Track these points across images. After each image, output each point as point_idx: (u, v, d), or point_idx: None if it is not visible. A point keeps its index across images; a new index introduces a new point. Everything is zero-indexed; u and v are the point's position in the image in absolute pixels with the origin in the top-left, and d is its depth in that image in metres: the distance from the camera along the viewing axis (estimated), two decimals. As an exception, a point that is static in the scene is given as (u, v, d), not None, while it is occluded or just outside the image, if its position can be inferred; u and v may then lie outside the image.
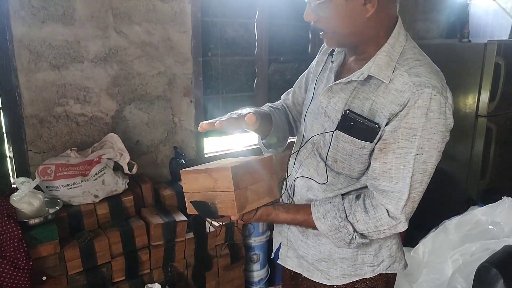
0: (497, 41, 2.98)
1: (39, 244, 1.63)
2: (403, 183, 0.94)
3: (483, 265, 1.53)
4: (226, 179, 0.96)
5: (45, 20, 1.84)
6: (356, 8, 0.93)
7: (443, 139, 0.95)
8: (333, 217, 1.01)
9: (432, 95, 0.90)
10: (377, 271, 1.12)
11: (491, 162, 3.19)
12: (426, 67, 0.95)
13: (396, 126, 0.93)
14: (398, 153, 0.94)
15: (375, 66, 0.96)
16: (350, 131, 0.99)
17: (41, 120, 1.91)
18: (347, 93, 1.01)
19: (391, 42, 0.97)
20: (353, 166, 1.04)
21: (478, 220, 1.95)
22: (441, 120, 0.92)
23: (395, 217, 0.97)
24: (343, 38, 0.99)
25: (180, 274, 2.04)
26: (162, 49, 2.19)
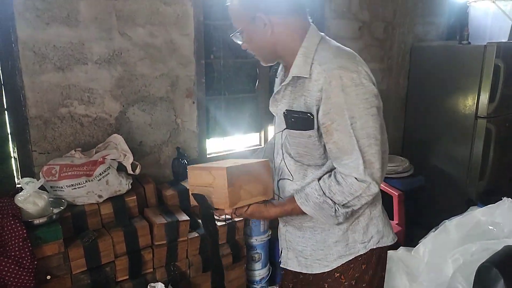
0: (496, 43, 3.01)
1: (44, 243, 1.65)
2: (355, 151, 1.08)
3: (483, 265, 1.55)
4: (222, 177, 1.12)
5: (50, 22, 1.86)
6: (259, 30, 1.15)
7: (370, 104, 1.08)
8: (314, 197, 1.14)
9: (341, 73, 1.06)
10: (369, 247, 1.24)
11: (490, 163, 3.21)
12: (334, 54, 1.12)
13: (326, 110, 1.09)
14: (339, 130, 1.08)
15: (295, 67, 1.14)
16: (294, 126, 1.17)
17: (45, 121, 1.93)
18: (287, 98, 1.19)
19: (305, 45, 1.15)
20: (314, 154, 1.19)
21: (478, 221, 1.97)
22: (359, 89, 1.07)
23: (363, 180, 1.08)
24: (266, 55, 1.22)
25: (183, 273, 2.06)
26: (165, 51, 2.21)
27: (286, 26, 1.15)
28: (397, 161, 3.28)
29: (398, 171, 3.14)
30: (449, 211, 2.60)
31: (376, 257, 1.27)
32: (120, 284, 1.87)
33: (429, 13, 3.70)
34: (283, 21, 1.14)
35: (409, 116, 3.67)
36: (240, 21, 1.18)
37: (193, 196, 1.22)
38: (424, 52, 3.49)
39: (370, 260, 1.25)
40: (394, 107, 3.60)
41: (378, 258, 1.27)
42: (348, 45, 1.21)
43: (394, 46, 3.46)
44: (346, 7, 3.02)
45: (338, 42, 1.48)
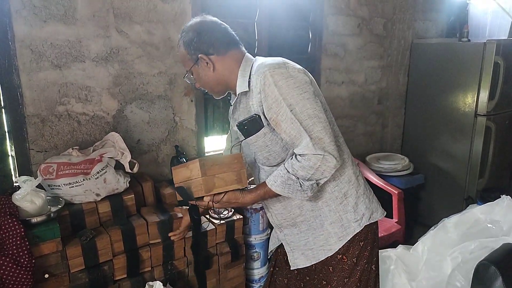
0: (496, 41, 3.00)
1: (41, 242, 1.64)
2: (302, 132, 1.21)
3: (482, 263, 1.55)
4: (196, 169, 1.28)
5: (47, 19, 1.85)
6: (203, 69, 1.34)
7: (303, 90, 1.22)
8: (280, 176, 1.27)
9: (268, 72, 1.21)
10: (362, 224, 1.37)
11: (490, 161, 3.20)
12: (263, 61, 1.28)
13: (268, 105, 1.23)
14: (284, 119, 1.22)
15: (238, 87, 1.33)
16: (248, 132, 1.32)
17: (42, 119, 1.92)
18: (241, 114, 1.37)
19: (242, 68, 1.34)
20: (276, 150, 1.33)
21: (477, 219, 1.96)
22: (289, 81, 1.21)
23: (316, 154, 1.20)
24: (214, 88, 1.40)
25: (180, 272, 2.05)
26: (162, 49, 2.20)
27: (224, 61, 1.33)
28: (396, 159, 3.28)
29: (398, 169, 3.13)
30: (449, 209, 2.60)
31: (371, 233, 1.40)
32: (118, 283, 1.86)
33: (428, 10, 3.69)
34: (221, 57, 1.32)
35: (408, 114, 3.66)
36: (187, 63, 1.36)
37: (176, 190, 1.39)
38: (424, 49, 3.48)
39: (366, 237, 1.39)
40: (393, 104, 3.59)
41: (373, 234, 1.41)
42: (347, 42, 1.25)
43: (393, 43, 3.45)
44: (344, 3, 3.01)
45: (337, 39, 1.58)
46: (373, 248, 1.41)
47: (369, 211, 1.39)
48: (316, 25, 2.93)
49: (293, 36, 2.88)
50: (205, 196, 1.30)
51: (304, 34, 2.94)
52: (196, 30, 1.33)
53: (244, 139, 1.35)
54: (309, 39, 2.96)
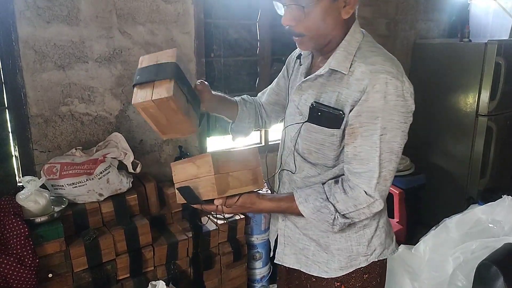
0: (497, 41, 3.00)
1: (45, 242, 1.66)
2: (373, 163, 1.02)
3: (483, 262, 1.55)
4: (206, 164, 1.04)
5: (50, 20, 1.86)
6: (336, 11, 1.03)
7: (405, 120, 1.03)
8: (315, 199, 1.08)
9: (388, 79, 0.99)
10: (370, 260, 1.19)
11: (491, 161, 3.21)
12: (380, 56, 1.05)
13: (359, 111, 1.02)
14: (365, 136, 1.02)
15: (334, 61, 1.06)
16: (318, 121, 1.09)
17: (46, 119, 1.93)
18: (315, 89, 1.12)
19: (348, 39, 1.07)
20: (327, 154, 1.12)
21: (478, 219, 1.97)
22: (399, 101, 1.00)
23: (371, 195, 1.04)
24: (319, 39, 1.08)
25: (183, 272, 2.06)
26: (165, 50, 2.20)
27: (353, 15, 1.06)
28: (397, 159, 3.28)
29: (399, 170, 3.14)
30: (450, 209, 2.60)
31: (378, 267, 1.23)
32: (121, 282, 1.88)
33: (430, 10, 3.70)
34: (355, 9, 1.05)
35: (410, 114, 3.66)
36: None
37: (178, 191, 1.10)
38: (426, 50, 3.48)
39: (372, 271, 1.22)
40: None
41: (380, 268, 1.24)
42: None
43: (396, 43, 3.46)
44: (346, 5, 3.02)
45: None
46: (378, 284, 1.24)
47: (381, 247, 1.21)
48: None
49: (295, 37, 2.88)
50: (215, 199, 1.06)
51: (306, 34, 2.95)
52: None
53: (306, 121, 1.12)
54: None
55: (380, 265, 1.24)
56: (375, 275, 1.22)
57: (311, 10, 1.01)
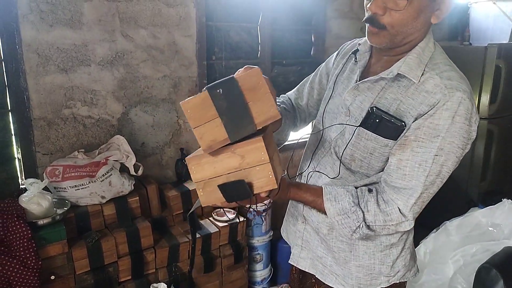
0: (497, 45, 3.01)
1: (48, 244, 1.67)
2: (417, 181, 0.95)
3: (483, 266, 1.56)
4: (257, 152, 0.87)
5: (53, 24, 1.87)
6: (429, 12, 0.96)
7: (463, 146, 0.95)
8: (346, 201, 1.00)
9: (462, 99, 0.92)
10: (392, 281, 1.13)
11: (491, 164, 3.21)
12: (456, 72, 0.99)
13: (420, 124, 0.94)
14: (416, 151, 0.95)
15: (405, 66, 0.98)
16: (374, 128, 1.00)
17: (49, 122, 1.94)
18: (374, 93, 1.03)
19: (422, 46, 1.00)
20: (372, 164, 1.04)
21: (478, 222, 1.98)
22: (465, 125, 0.93)
23: (404, 214, 0.98)
24: (397, 37, 0.98)
25: (184, 274, 2.07)
26: (167, 53, 2.22)
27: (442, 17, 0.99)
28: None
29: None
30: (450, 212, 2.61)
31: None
32: (123, 285, 1.89)
33: (430, 14, 3.71)
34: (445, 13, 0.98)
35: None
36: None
37: (222, 188, 0.90)
38: (426, 53, 3.49)
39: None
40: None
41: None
42: None
43: (395, 47, 3.47)
44: (348, 7, 3.03)
45: (340, 42, 1.36)
46: None
47: (405, 269, 1.15)
48: (319, 28, 2.95)
49: (296, 40, 2.90)
50: (262, 192, 0.90)
51: (307, 37, 2.96)
52: None
53: (359, 125, 1.03)
54: (312, 42, 2.99)
55: (402, 286, 1.18)
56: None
57: (411, 3, 0.93)
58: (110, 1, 1.99)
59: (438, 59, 1.00)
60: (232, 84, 0.85)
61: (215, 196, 0.91)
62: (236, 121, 0.86)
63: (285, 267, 2.72)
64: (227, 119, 0.86)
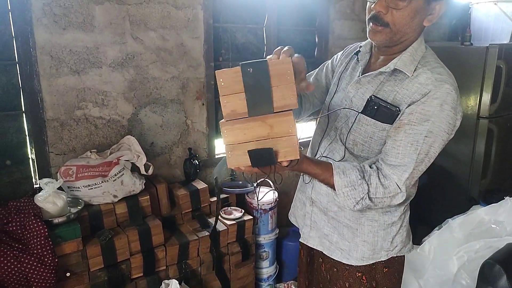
0: (498, 45, 3.05)
1: (63, 242, 1.71)
2: (410, 159, 1.09)
3: (487, 261, 1.61)
4: (286, 124, 0.96)
5: (66, 27, 1.91)
6: (423, 14, 1.11)
7: (449, 131, 1.10)
8: (353, 174, 1.12)
9: (450, 90, 1.08)
10: (390, 255, 1.29)
11: (492, 162, 3.26)
12: (445, 69, 1.14)
13: (413, 110, 1.09)
14: (408, 133, 1.09)
15: (401, 62, 1.14)
16: (373, 114, 1.14)
17: (61, 123, 1.98)
18: (374, 85, 1.19)
19: (415, 46, 1.15)
20: (372, 148, 1.19)
21: (481, 219, 2.03)
22: (451, 113, 1.08)
23: (399, 187, 1.11)
24: (397, 35, 1.12)
25: (193, 271, 2.12)
26: (176, 54, 2.26)
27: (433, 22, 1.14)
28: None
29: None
30: (452, 210, 2.66)
31: (397, 263, 1.33)
32: (135, 281, 1.93)
33: (431, 15, 3.75)
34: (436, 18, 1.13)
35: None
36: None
37: (251, 154, 0.98)
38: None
39: (392, 265, 1.31)
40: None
41: (398, 264, 1.33)
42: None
43: (397, 47, 3.51)
44: (350, 9, 3.07)
45: (343, 43, 1.49)
46: (396, 279, 1.33)
47: (401, 244, 1.30)
48: (322, 29, 3.00)
49: (300, 40, 2.94)
50: (284, 161, 1.00)
51: (311, 38, 3.01)
52: None
53: (360, 112, 1.17)
54: (316, 43, 3.03)
55: (399, 261, 1.33)
56: (394, 270, 1.32)
57: (408, 4, 1.07)
58: (120, 4, 2.03)
59: (429, 58, 1.16)
60: (263, 66, 0.94)
61: (242, 160, 0.99)
62: (258, 100, 0.95)
63: (290, 265, 2.77)
64: (250, 96, 0.95)
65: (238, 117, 0.97)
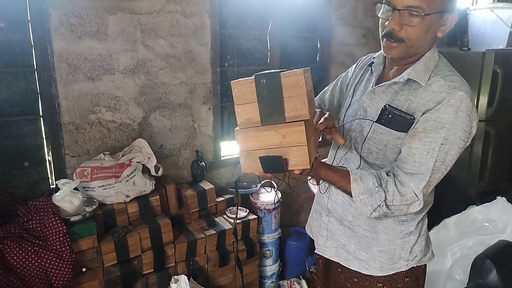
0: (495, 50, 3.15)
1: (80, 239, 1.82)
2: (426, 167, 1.09)
3: (478, 257, 1.71)
4: (298, 134, 0.99)
5: (82, 36, 2.02)
6: (436, 27, 1.13)
7: (465, 139, 1.11)
8: (370, 181, 1.12)
9: (464, 97, 1.08)
10: (410, 265, 1.28)
11: (489, 164, 3.35)
12: (458, 77, 1.16)
13: (428, 118, 1.09)
14: (424, 141, 1.09)
15: (414, 72, 1.16)
16: (388, 123, 1.16)
17: (77, 126, 2.09)
18: (388, 95, 1.21)
19: (428, 56, 1.18)
20: (387, 156, 1.20)
21: (475, 218, 2.13)
22: (466, 120, 1.09)
23: (417, 195, 1.11)
24: (412, 49, 1.15)
25: (201, 267, 2.22)
26: (184, 61, 2.37)
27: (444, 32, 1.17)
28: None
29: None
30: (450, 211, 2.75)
31: (419, 272, 1.32)
32: (146, 277, 2.03)
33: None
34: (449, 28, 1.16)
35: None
36: (432, 5, 1.09)
37: (262, 160, 1.03)
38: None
39: (413, 274, 1.30)
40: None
41: (420, 274, 1.33)
42: (354, 51, 1.32)
43: (397, 52, 3.60)
44: (351, 15, 3.18)
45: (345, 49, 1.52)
46: (418, 287, 1.33)
47: (421, 254, 1.29)
48: (324, 36, 3.10)
49: (303, 46, 3.05)
50: (296, 170, 1.04)
51: (313, 44, 3.11)
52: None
53: (375, 121, 1.19)
54: (318, 49, 3.14)
55: (419, 270, 1.32)
56: (415, 279, 1.31)
57: (422, 20, 1.09)
58: (132, 14, 2.14)
59: (442, 67, 1.18)
60: (276, 78, 0.98)
61: (255, 165, 1.05)
62: (270, 110, 0.99)
63: (293, 263, 2.87)
64: (263, 106, 1.00)
65: (252, 125, 1.02)
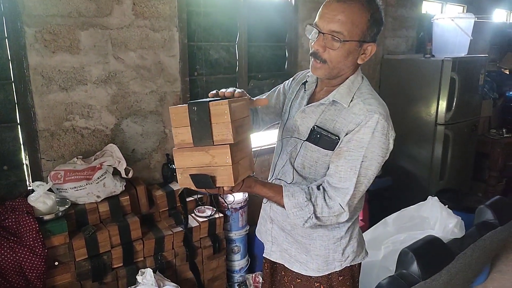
0: (452, 58, 3.37)
1: (52, 235, 1.99)
2: (350, 182, 1.23)
3: (403, 250, 1.91)
4: (224, 155, 1.11)
5: (55, 50, 2.20)
6: (356, 54, 1.26)
7: (383, 155, 1.24)
8: (301, 197, 1.24)
9: (379, 119, 1.21)
10: (344, 265, 1.43)
11: (449, 164, 3.57)
12: (376, 100, 1.28)
13: (350, 139, 1.23)
14: (348, 159, 1.23)
15: (338, 94, 1.29)
16: (316, 142, 1.29)
17: (52, 133, 2.27)
18: (316, 114, 1.33)
19: (352, 79, 1.31)
20: (318, 171, 1.33)
21: (412, 215, 2.33)
22: (382, 139, 1.22)
23: (342, 207, 1.24)
24: (334, 71, 1.27)
25: (168, 262, 2.40)
26: (154, 71, 2.56)
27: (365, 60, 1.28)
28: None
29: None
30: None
31: (352, 271, 1.46)
32: (115, 270, 2.21)
33: (398, 27, 4.05)
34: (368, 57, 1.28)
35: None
36: (352, 34, 1.20)
37: (192, 177, 1.14)
38: (393, 64, 3.85)
39: (346, 274, 1.44)
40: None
41: (352, 272, 1.47)
42: None
43: (364, 59, 3.80)
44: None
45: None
46: (352, 284, 1.46)
47: (353, 254, 1.43)
48: (291, 45, 3.29)
49: (271, 55, 3.24)
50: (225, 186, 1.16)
51: (281, 53, 3.31)
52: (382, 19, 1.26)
53: (305, 140, 1.33)
54: (286, 57, 3.33)
55: (353, 269, 1.47)
56: (349, 277, 1.46)
57: (342, 46, 1.21)
58: (103, 29, 2.32)
59: (364, 90, 1.30)
60: (205, 107, 1.11)
61: (189, 181, 1.17)
62: (201, 133, 1.12)
63: (260, 258, 3.05)
64: (195, 130, 1.12)
65: (186, 146, 1.15)
